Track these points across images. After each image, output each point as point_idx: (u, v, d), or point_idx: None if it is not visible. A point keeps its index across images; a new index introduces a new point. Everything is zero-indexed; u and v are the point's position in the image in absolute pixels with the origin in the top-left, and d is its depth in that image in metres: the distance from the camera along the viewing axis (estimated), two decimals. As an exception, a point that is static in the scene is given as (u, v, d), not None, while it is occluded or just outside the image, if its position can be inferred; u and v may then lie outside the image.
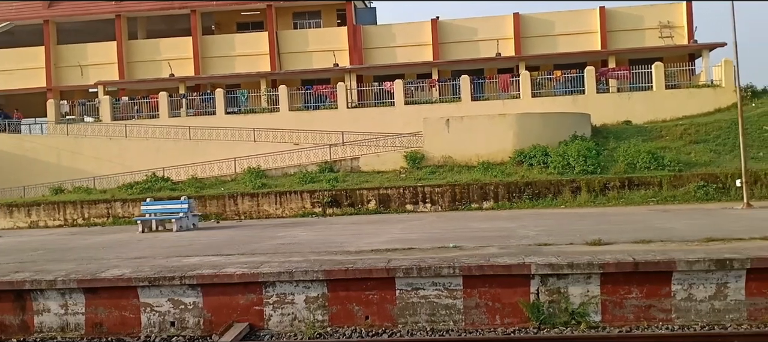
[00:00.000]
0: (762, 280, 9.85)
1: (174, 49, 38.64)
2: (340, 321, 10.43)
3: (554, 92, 33.45)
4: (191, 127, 31.63)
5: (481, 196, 23.87)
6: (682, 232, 13.39)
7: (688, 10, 36.85)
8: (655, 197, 22.62)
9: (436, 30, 37.48)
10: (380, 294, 10.39)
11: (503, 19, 37.67)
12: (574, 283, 10.12)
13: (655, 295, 10.02)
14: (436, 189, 24.04)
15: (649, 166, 23.94)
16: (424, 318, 10.34)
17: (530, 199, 23.56)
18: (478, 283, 10.25)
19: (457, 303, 10.29)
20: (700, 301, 9.96)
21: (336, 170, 26.98)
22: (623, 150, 25.03)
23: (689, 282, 9.96)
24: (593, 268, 9.98)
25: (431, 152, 27.03)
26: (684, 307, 9.98)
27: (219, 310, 10.61)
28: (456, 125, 27.08)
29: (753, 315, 9.84)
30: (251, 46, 38.45)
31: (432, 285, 10.32)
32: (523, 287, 10.19)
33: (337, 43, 37.96)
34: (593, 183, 23.32)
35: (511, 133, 26.65)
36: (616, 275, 10.02)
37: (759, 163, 24.10)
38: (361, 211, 24.01)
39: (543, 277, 10.13)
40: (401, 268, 10.23)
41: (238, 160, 28.73)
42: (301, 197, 24.39)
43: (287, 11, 40.12)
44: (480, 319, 10.27)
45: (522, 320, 10.18)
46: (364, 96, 35.35)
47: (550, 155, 25.00)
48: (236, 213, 24.60)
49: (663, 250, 10.89)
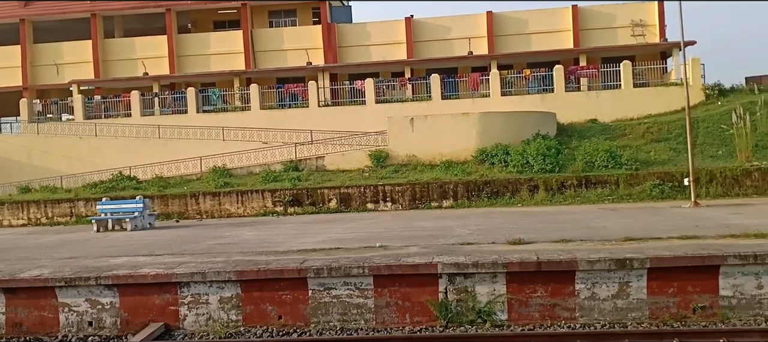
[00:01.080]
0: (662, 280, 10.03)
1: (149, 48, 38.62)
2: (253, 321, 10.60)
3: (529, 90, 33.67)
4: (161, 126, 31.75)
5: (440, 195, 24.04)
6: (612, 231, 13.55)
7: (660, 9, 36.99)
8: (612, 196, 22.81)
9: (410, 28, 37.56)
10: (293, 294, 10.56)
11: (477, 18, 37.75)
12: (480, 282, 10.30)
13: (560, 294, 10.19)
14: (396, 188, 24.20)
15: (607, 165, 24.14)
16: (336, 317, 10.51)
17: (489, 197, 23.75)
18: (388, 283, 10.42)
19: (368, 302, 10.46)
20: (603, 299, 10.14)
21: (300, 169, 27.15)
22: (583, 149, 25.19)
23: (592, 281, 10.14)
24: (498, 268, 10.15)
25: (396, 151, 27.20)
26: (588, 306, 10.16)
27: (135, 309, 10.77)
28: (420, 124, 27.25)
29: (654, 313, 10.02)
30: (226, 44, 38.50)
31: (343, 285, 10.48)
32: (431, 286, 10.37)
33: (311, 42, 38.02)
34: (551, 181, 23.51)
35: (474, 132, 26.82)
36: (521, 274, 10.20)
37: (716, 162, 24.31)
38: (322, 210, 24.17)
39: (450, 276, 10.30)
40: (312, 268, 10.39)
41: (205, 159, 28.87)
42: (263, 196, 24.53)
43: (263, 10, 40.18)
44: (390, 318, 10.44)
45: (431, 319, 10.35)
46: (339, 95, 35.50)
47: (510, 154, 25.18)
48: (198, 212, 24.75)
49: (577, 250, 11.06)
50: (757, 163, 23.29)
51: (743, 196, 22.24)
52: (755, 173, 22.69)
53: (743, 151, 23.85)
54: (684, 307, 10.00)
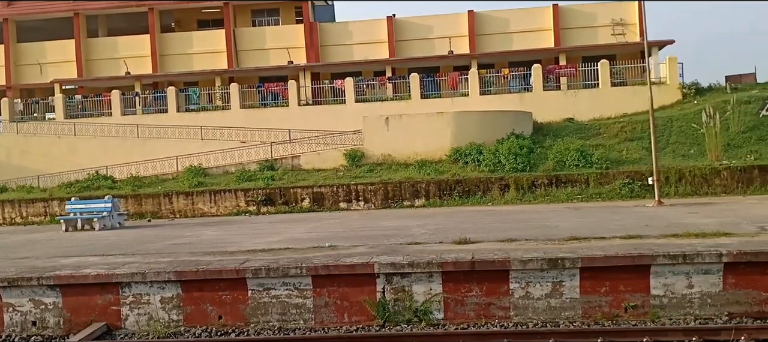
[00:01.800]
0: (595, 279, 10.14)
1: (132, 47, 38.71)
2: (194, 321, 10.70)
3: (510, 89, 33.82)
4: (139, 126, 31.85)
5: (412, 194, 24.15)
6: (563, 231, 13.65)
7: (640, 8, 36.76)
8: (581, 194, 22.94)
9: (391, 28, 37.66)
10: (233, 294, 10.67)
11: (458, 17, 37.88)
12: (417, 281, 10.41)
13: (495, 293, 10.31)
14: (368, 187, 24.31)
15: (578, 164, 24.27)
16: (275, 317, 10.62)
17: (460, 196, 23.87)
18: (327, 283, 10.53)
19: (306, 302, 10.57)
20: (538, 299, 10.25)
21: (276, 168, 27.24)
22: (556, 148, 25.32)
23: (526, 280, 10.25)
24: (433, 267, 10.27)
25: (371, 150, 27.31)
26: (522, 305, 10.27)
27: (78, 310, 10.87)
28: (395, 124, 27.37)
29: (587, 312, 10.14)
30: (209, 43, 38.61)
31: (282, 285, 10.59)
32: (369, 286, 10.48)
33: (294, 41, 38.12)
34: (521, 181, 23.63)
35: (449, 132, 26.93)
36: (457, 274, 10.31)
37: (687, 161, 24.46)
38: (295, 210, 24.28)
39: (387, 276, 10.41)
40: (251, 269, 10.50)
41: (183, 159, 28.97)
42: (235, 196, 24.64)
43: (246, 8, 40.28)
44: (329, 317, 10.55)
45: (368, 318, 10.46)
46: (321, 93, 35.58)
47: (483, 153, 25.31)
48: (171, 212, 24.84)
49: (518, 249, 11.17)
50: (726, 162, 23.42)
51: (711, 194, 22.37)
52: (724, 172, 22.82)
53: (713, 151, 23.99)
54: (616, 306, 10.13)
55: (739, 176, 22.63)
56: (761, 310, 9.89)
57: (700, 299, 10.00)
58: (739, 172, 22.67)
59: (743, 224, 13.35)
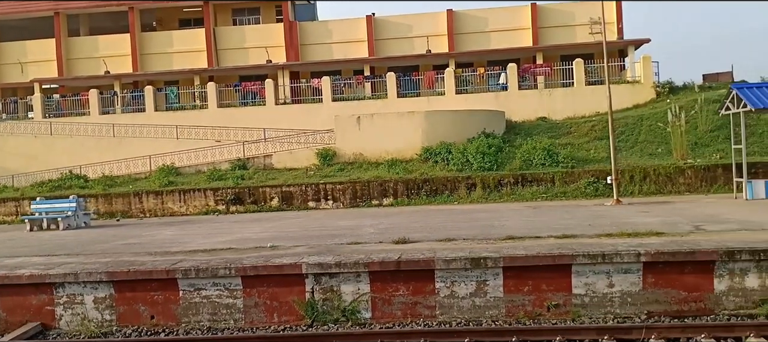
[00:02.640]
0: (518, 279, 10.29)
1: (113, 46, 38.78)
2: (126, 320, 10.85)
3: (489, 88, 33.97)
4: (115, 125, 31.95)
5: (381, 193, 24.30)
6: (508, 230, 13.78)
7: (619, 8, 37.26)
8: (546, 193, 23.09)
9: (371, 27, 37.75)
10: (164, 294, 10.81)
11: (437, 16, 37.97)
12: (345, 281, 10.56)
13: (421, 292, 10.46)
14: (337, 186, 24.45)
15: (545, 163, 24.41)
16: (206, 317, 10.76)
17: (428, 195, 24.01)
18: (256, 283, 10.67)
19: (237, 302, 10.72)
20: (462, 298, 10.41)
21: (247, 168, 27.36)
22: (524, 147, 25.46)
23: (451, 280, 10.40)
24: (360, 267, 10.41)
25: (343, 149, 27.43)
26: (447, 304, 10.42)
27: (14, 310, 11.01)
28: (367, 123, 27.49)
29: (511, 311, 10.29)
30: (189, 42, 38.69)
31: (213, 285, 10.73)
32: (299, 286, 10.63)
33: (273, 40, 38.20)
34: (488, 180, 23.78)
35: (420, 131, 27.06)
36: (384, 274, 10.46)
37: (654, 159, 24.60)
38: (264, 209, 24.42)
39: (316, 276, 10.56)
40: (181, 269, 10.64)
41: (157, 158, 29.08)
42: (205, 195, 24.78)
43: (226, 8, 40.34)
44: (259, 317, 10.70)
45: (298, 318, 10.60)
46: (299, 92, 35.69)
47: (452, 152, 25.43)
48: (142, 211, 24.97)
49: (453, 249, 11.30)
50: (691, 160, 23.56)
51: (675, 193, 22.53)
52: (688, 171, 22.97)
53: (678, 149, 24.13)
54: (539, 305, 10.28)
55: (704, 175, 22.78)
56: (680, 309, 10.05)
57: (620, 298, 10.15)
58: (703, 170, 22.82)
59: (682, 224, 13.51)
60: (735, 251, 9.87)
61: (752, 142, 25.36)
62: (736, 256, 9.86)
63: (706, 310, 9.98)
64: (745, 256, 9.84)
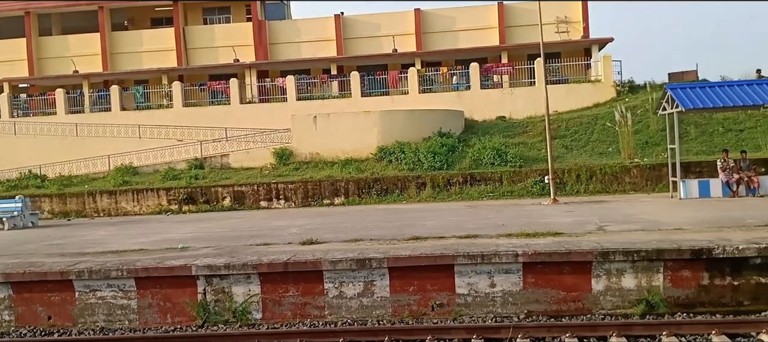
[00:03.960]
0: (404, 279, 10.50)
1: (83, 46, 38.92)
2: (25, 321, 11.05)
3: (456, 87, 34.18)
4: (78, 125, 32.10)
5: (332, 193, 24.47)
6: (427, 230, 13.95)
7: (584, 7, 37.44)
8: (494, 192, 23.28)
9: (339, 26, 37.92)
10: (61, 295, 11.01)
11: (405, 15, 38.13)
12: (236, 283, 10.76)
13: (311, 293, 10.67)
14: (289, 186, 24.62)
15: (494, 162, 24.61)
16: (102, 318, 10.96)
17: (378, 194, 24.19)
18: (150, 285, 10.87)
19: (131, 303, 10.92)
20: (350, 298, 10.61)
21: (205, 167, 27.53)
22: (475, 146, 25.65)
23: (340, 280, 10.61)
24: (249, 269, 10.61)
25: (299, 149, 27.60)
26: (336, 304, 10.63)
27: None
28: (323, 123, 27.65)
29: (397, 311, 10.50)
30: (159, 41, 38.86)
31: (107, 286, 10.93)
32: (191, 288, 10.83)
33: (243, 39, 38.34)
34: (438, 179, 23.96)
35: (376, 131, 27.22)
36: (273, 275, 10.66)
37: (604, 158, 24.80)
38: (216, 208, 24.58)
39: (207, 277, 10.76)
40: (74, 270, 10.84)
41: (116, 157, 29.25)
42: (158, 195, 24.93)
43: (197, 7, 40.47)
44: (153, 318, 10.90)
45: (190, 319, 10.81)
46: (268, 91, 35.83)
47: (405, 152, 25.62)
48: (95, 210, 25.12)
49: (355, 249, 11.49)
50: (638, 160, 23.76)
51: (620, 192, 22.70)
52: (634, 170, 23.16)
53: (626, 149, 24.33)
54: (423, 304, 10.49)
55: (649, 174, 22.96)
56: (559, 308, 10.26)
57: (502, 298, 10.36)
58: (649, 169, 23.00)
59: (590, 224, 13.71)
60: (609, 252, 10.08)
61: (703, 141, 25.62)
62: (610, 257, 10.07)
63: (585, 309, 10.20)
64: (619, 256, 10.05)
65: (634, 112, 27.22)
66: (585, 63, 36.25)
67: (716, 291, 9.99)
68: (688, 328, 8.99)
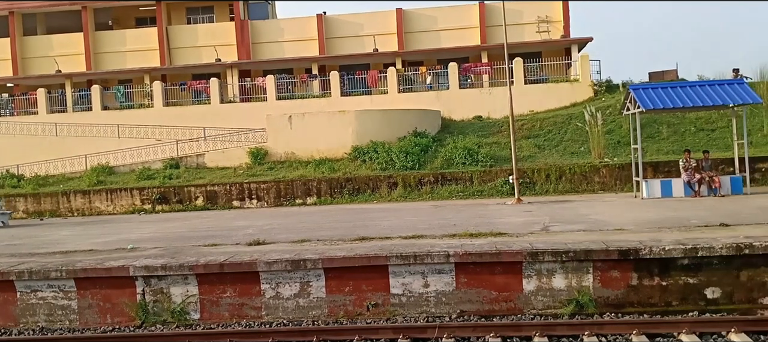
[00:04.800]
0: (340, 279, 10.61)
1: (67, 45, 39.01)
2: (-32, 321, 11.17)
3: (439, 86, 34.33)
4: (58, 124, 32.23)
5: (304, 192, 24.59)
6: (380, 230, 14.07)
7: (565, 7, 37.54)
8: (464, 192, 23.40)
9: (321, 25, 38.01)
10: (3, 295, 11.12)
11: (387, 15, 38.21)
12: (174, 283, 10.87)
13: (248, 293, 10.77)
14: (261, 186, 24.73)
15: (465, 162, 24.73)
16: (43, 318, 11.08)
17: (350, 194, 24.31)
18: (90, 285, 10.98)
19: (71, 304, 11.03)
20: (287, 298, 10.72)
21: (180, 167, 27.63)
22: (447, 147, 25.77)
23: (276, 281, 10.71)
24: (185, 270, 10.72)
25: (275, 149, 27.72)
26: (273, 305, 10.74)
27: None
28: (298, 122, 27.76)
29: (332, 311, 10.61)
30: (142, 41, 38.93)
31: (48, 287, 11.04)
32: (130, 288, 10.94)
33: (225, 38, 38.44)
34: (409, 178, 24.08)
35: (351, 130, 27.34)
36: (210, 276, 10.77)
37: (575, 158, 24.92)
38: (189, 208, 24.72)
39: (146, 278, 10.87)
40: (14, 271, 10.95)
41: (93, 157, 29.38)
42: (132, 194, 25.05)
43: (180, 7, 40.58)
44: (93, 318, 11.01)
45: (130, 319, 10.92)
46: (250, 91, 35.93)
47: (378, 152, 25.73)
48: (70, 210, 25.26)
49: (301, 250, 11.59)
50: (607, 159, 23.88)
51: (589, 191, 22.83)
52: (603, 170, 23.28)
53: (596, 148, 24.44)
54: (359, 304, 10.60)
55: (618, 173, 23.08)
56: (491, 308, 10.38)
57: (436, 298, 10.48)
58: (618, 169, 23.11)
59: (537, 224, 13.82)
60: (539, 252, 10.19)
61: (674, 141, 25.73)
62: (539, 258, 10.18)
63: (516, 309, 10.31)
64: (548, 257, 10.16)
65: (608, 111, 27.34)
66: (565, 63, 36.39)
67: (645, 291, 10.10)
68: (610, 328, 9.10)
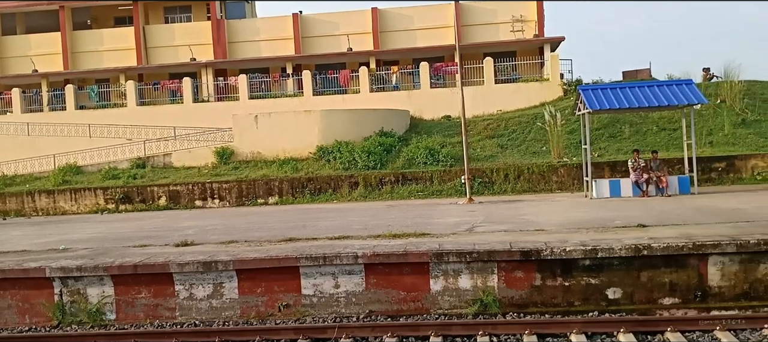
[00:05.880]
0: (252, 280, 10.76)
1: (45, 45, 39.14)
2: None
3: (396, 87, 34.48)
4: (30, 124, 32.36)
5: (266, 192, 24.74)
6: (318, 231, 14.19)
7: (539, 7, 37.65)
8: (423, 191, 23.55)
9: (297, 24, 38.14)
10: (-76, 295, 11.28)
11: (362, 14, 38.31)
12: (91, 284, 11.02)
13: (162, 294, 10.93)
14: (223, 185, 24.88)
15: (426, 162, 24.87)
16: (-37, 317, 11.23)
17: (312, 194, 24.46)
18: (8, 286, 11.14)
19: (-10, 303, 11.19)
20: (201, 299, 10.87)
21: (145, 166, 27.78)
22: (409, 147, 25.91)
23: (190, 282, 10.86)
24: (99, 271, 10.88)
25: (241, 148, 27.86)
26: (187, 306, 10.89)
27: None
28: (264, 122, 27.90)
29: (245, 312, 10.76)
30: (119, 41, 39.05)
31: (-32, 287, 11.20)
32: (49, 289, 11.09)
33: (202, 38, 38.53)
34: (370, 178, 24.23)
35: (317, 130, 27.48)
36: (125, 277, 10.92)
37: (536, 157, 25.05)
38: (152, 208, 24.87)
39: (62, 279, 11.02)
40: (-66, 271, 11.11)
41: (61, 157, 29.52)
42: (95, 194, 25.21)
43: (158, 6, 40.69)
44: (12, 318, 11.17)
45: (48, 319, 11.07)
46: (225, 90, 36.07)
47: (342, 151, 25.87)
48: (35, 210, 25.41)
49: (231, 250, 11.72)
50: (566, 159, 24.02)
51: (547, 191, 22.98)
52: (561, 169, 23.42)
53: (555, 148, 24.58)
54: (271, 305, 10.75)
55: (576, 173, 23.19)
56: (400, 308, 10.52)
57: (346, 298, 10.62)
58: (575, 169, 23.24)
59: (466, 224, 13.95)
60: (444, 253, 10.34)
61: (636, 140, 25.82)
62: (445, 258, 10.33)
63: (424, 309, 10.46)
64: (453, 258, 10.31)
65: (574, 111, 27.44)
66: (539, 62, 36.56)
67: (548, 291, 10.25)
68: (503, 328, 9.25)
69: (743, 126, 25.58)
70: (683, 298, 10.02)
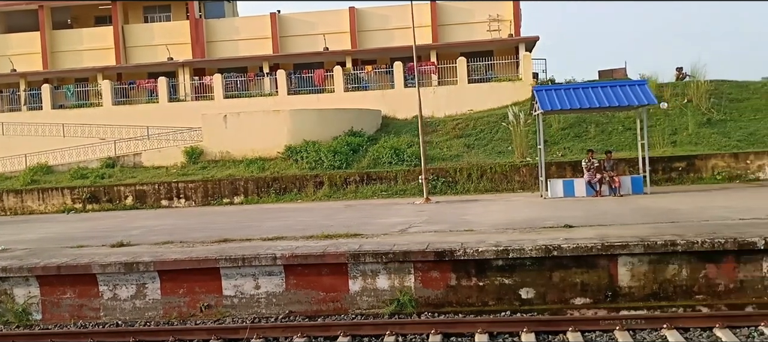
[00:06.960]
0: (174, 282, 10.88)
1: (24, 44, 39.29)
2: None
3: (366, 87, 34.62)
4: (5, 124, 32.47)
5: (232, 192, 24.87)
6: (263, 231, 14.27)
7: (516, 7, 37.77)
8: (387, 190, 23.69)
9: (275, 24, 38.25)
10: None
11: (340, 13, 38.45)
12: (17, 285, 11.15)
13: (87, 295, 11.05)
14: (189, 185, 25.00)
15: (391, 162, 25.00)
16: None
17: (277, 193, 24.59)
18: (-63, 286, 11.26)
19: None
20: (124, 300, 11.00)
21: (116, 166, 27.89)
22: (375, 146, 26.04)
23: (114, 283, 10.99)
24: (24, 272, 11.00)
25: (210, 148, 27.99)
26: (111, 306, 11.01)
27: None
28: (233, 121, 28.02)
29: (167, 312, 10.89)
30: (98, 40, 39.18)
31: None
32: (-24, 289, 11.22)
33: (180, 37, 38.68)
34: (336, 178, 24.35)
35: (285, 129, 27.60)
36: (50, 278, 11.04)
37: (501, 157, 25.18)
38: (118, 207, 25.00)
39: (-12, 279, 11.15)
40: None
41: (32, 156, 29.62)
42: (63, 194, 25.33)
43: (138, 6, 40.79)
44: (-60, 318, 11.29)
45: (-28, 319, 11.20)
46: (203, 89, 36.17)
47: (309, 151, 25.99)
48: (3, 209, 25.52)
49: (155, 252, 11.86)
50: (529, 158, 24.15)
51: (509, 190, 23.14)
52: (523, 169, 23.56)
53: (519, 148, 24.71)
54: (192, 306, 10.87)
55: (537, 172, 23.30)
56: (319, 308, 10.64)
57: (266, 299, 10.75)
58: (536, 168, 23.34)
59: (404, 225, 14.06)
60: (360, 254, 10.46)
61: (601, 140, 25.99)
62: (361, 259, 10.45)
63: (343, 309, 10.58)
64: (370, 258, 10.43)
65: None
66: (515, 61, 36.66)
67: (464, 291, 10.38)
68: (410, 327, 9.36)
69: (708, 125, 25.71)
70: (594, 298, 10.15)
